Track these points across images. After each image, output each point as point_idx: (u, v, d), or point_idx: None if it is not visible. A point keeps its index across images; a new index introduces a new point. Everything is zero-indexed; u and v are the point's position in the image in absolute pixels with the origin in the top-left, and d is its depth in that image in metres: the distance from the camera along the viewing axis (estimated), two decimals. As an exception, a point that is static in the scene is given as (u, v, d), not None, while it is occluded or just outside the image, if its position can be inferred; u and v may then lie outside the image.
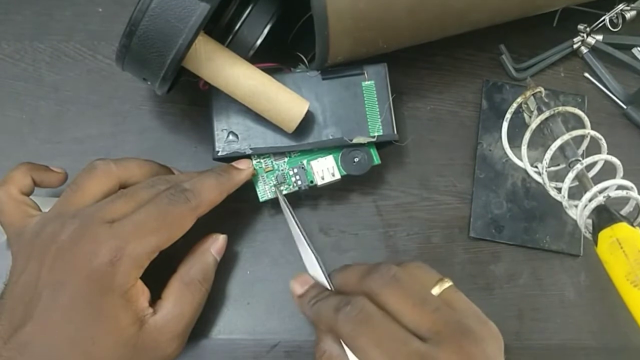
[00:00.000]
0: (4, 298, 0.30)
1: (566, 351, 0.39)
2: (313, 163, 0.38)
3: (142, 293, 0.31)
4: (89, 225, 0.30)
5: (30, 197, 0.35)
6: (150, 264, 0.31)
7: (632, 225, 0.33)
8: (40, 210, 0.34)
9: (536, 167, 0.39)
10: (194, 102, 0.42)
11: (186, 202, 0.32)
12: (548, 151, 0.36)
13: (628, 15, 0.46)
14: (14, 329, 0.29)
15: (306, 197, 0.41)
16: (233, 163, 0.36)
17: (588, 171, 0.37)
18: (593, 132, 0.37)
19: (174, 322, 0.31)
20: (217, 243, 0.35)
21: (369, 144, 0.38)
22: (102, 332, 0.29)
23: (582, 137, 0.38)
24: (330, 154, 0.38)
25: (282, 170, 0.38)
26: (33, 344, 0.28)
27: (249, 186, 0.38)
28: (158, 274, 0.32)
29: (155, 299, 0.32)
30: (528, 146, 0.38)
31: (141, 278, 0.31)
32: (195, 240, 0.35)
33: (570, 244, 0.40)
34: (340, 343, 0.30)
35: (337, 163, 0.38)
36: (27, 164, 0.35)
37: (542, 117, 0.37)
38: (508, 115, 0.40)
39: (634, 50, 0.45)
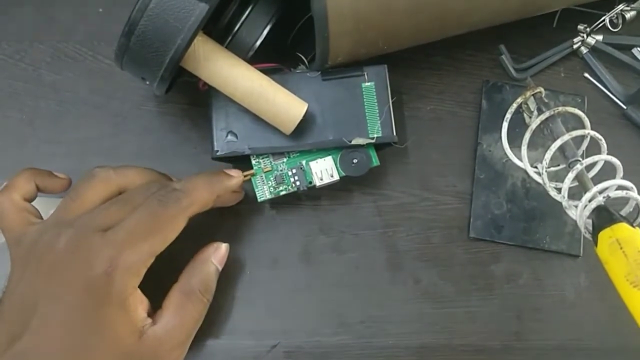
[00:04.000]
0: (1, 306, 0.30)
1: (566, 351, 0.39)
2: (312, 164, 0.38)
3: (141, 303, 0.30)
4: (83, 235, 0.30)
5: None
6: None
7: (632, 225, 0.33)
8: (41, 218, 0.34)
9: (536, 167, 0.39)
10: (193, 103, 0.42)
11: (176, 202, 0.31)
12: (548, 151, 0.36)
13: (628, 16, 0.45)
14: (12, 339, 0.28)
15: (306, 198, 0.41)
16: (225, 170, 0.36)
17: (588, 171, 0.37)
18: (593, 133, 0.37)
19: (174, 332, 0.31)
20: (218, 252, 0.35)
21: (368, 145, 0.38)
22: (100, 343, 0.29)
23: (582, 137, 0.38)
24: (329, 154, 0.38)
25: (281, 170, 0.38)
26: (30, 355, 0.28)
27: (248, 187, 0.38)
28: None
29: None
30: (528, 146, 0.38)
31: (142, 288, 0.31)
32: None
33: (570, 244, 0.40)
34: None
35: (336, 164, 0.38)
36: (31, 170, 0.35)
37: (542, 117, 0.37)
38: (508, 116, 0.40)
39: (634, 51, 0.45)
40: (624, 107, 0.44)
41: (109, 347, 0.29)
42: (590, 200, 0.34)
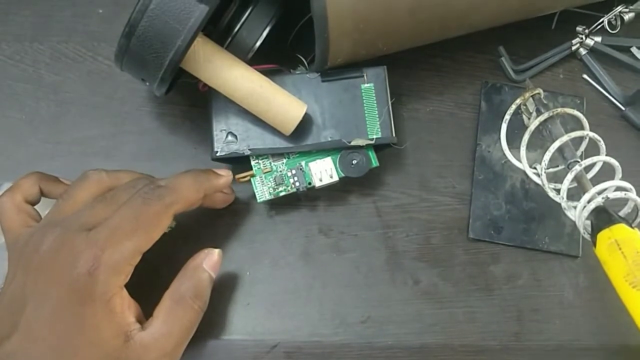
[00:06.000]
0: None
1: (565, 352, 0.39)
2: (311, 165, 0.38)
3: (129, 306, 0.30)
4: (67, 234, 0.30)
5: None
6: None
7: (630, 226, 0.33)
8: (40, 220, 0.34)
9: (535, 168, 0.39)
10: (193, 104, 0.42)
11: (160, 199, 0.31)
12: (547, 152, 0.36)
13: (626, 17, 0.46)
14: (1, 339, 0.29)
15: (305, 199, 0.41)
16: (214, 169, 0.36)
17: (587, 172, 0.37)
18: (592, 134, 0.37)
19: (162, 340, 0.30)
20: (210, 258, 0.33)
21: (368, 146, 0.38)
22: (84, 344, 0.28)
23: (581, 138, 0.38)
24: (328, 155, 0.38)
25: (280, 171, 0.38)
26: (18, 355, 0.28)
27: (248, 187, 0.38)
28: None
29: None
30: (527, 147, 0.38)
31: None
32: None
33: (569, 245, 0.40)
34: None
35: (335, 165, 0.38)
36: (38, 174, 0.35)
37: (541, 118, 0.37)
38: (507, 117, 0.40)
39: (633, 49, 0.45)
40: (623, 108, 0.44)
41: (93, 348, 0.28)
42: (589, 201, 0.35)
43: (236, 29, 0.37)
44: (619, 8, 0.45)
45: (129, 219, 0.30)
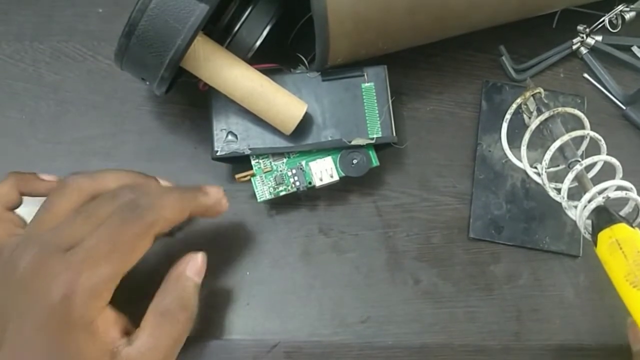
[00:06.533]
0: None
1: (565, 352, 0.39)
2: (312, 164, 0.38)
3: (114, 323, 0.29)
4: (44, 255, 0.28)
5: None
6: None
7: (631, 226, 0.33)
8: (26, 223, 0.33)
9: (536, 167, 0.39)
10: (193, 103, 0.42)
11: (140, 219, 0.29)
12: (547, 152, 0.36)
13: (627, 16, 0.46)
14: None
15: (306, 198, 0.41)
16: (203, 186, 0.34)
17: (587, 172, 0.37)
18: (592, 133, 0.37)
19: (149, 355, 0.29)
20: (194, 263, 0.32)
21: (368, 145, 0.38)
22: None
23: (582, 137, 0.38)
24: (329, 155, 0.38)
25: (280, 171, 0.38)
26: None
27: (248, 187, 0.38)
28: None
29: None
30: (527, 147, 0.38)
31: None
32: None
33: (569, 244, 0.40)
34: None
35: (335, 164, 0.38)
36: (14, 176, 0.34)
37: (542, 117, 0.37)
38: (508, 116, 0.40)
39: (634, 48, 0.45)
40: (624, 107, 0.44)
41: None
42: (589, 201, 0.35)
43: (236, 28, 0.37)
44: (620, 7, 0.45)
45: (106, 240, 0.28)
